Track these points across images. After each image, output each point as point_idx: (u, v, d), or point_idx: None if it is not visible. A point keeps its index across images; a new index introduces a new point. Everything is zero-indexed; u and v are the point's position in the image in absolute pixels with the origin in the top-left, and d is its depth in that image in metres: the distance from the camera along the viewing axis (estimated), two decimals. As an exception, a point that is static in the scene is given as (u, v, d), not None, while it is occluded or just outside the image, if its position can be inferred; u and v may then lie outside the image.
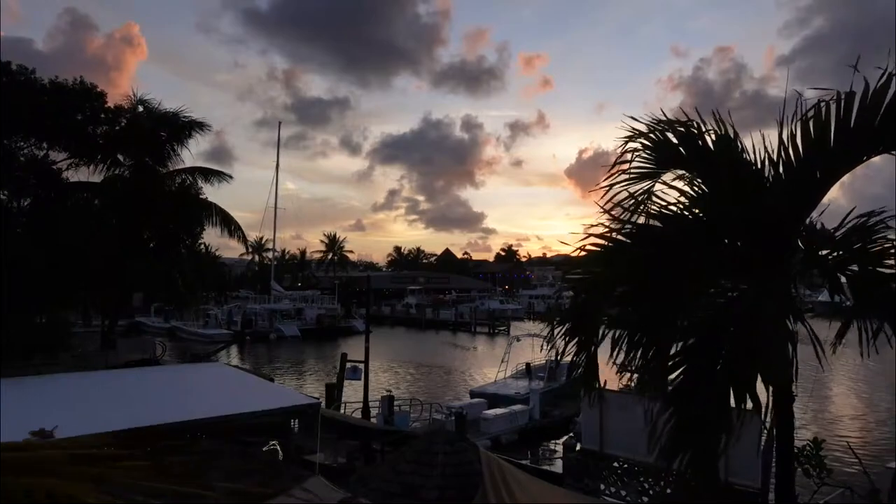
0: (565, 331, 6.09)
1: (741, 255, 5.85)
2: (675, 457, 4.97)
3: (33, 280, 18.11)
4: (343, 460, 15.36)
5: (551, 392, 27.20)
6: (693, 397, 5.00)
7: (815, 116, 5.30)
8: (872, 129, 5.07)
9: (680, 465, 4.94)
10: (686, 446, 4.93)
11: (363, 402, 24.21)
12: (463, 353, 55.00)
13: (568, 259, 6.91)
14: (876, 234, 5.12)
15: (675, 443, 4.97)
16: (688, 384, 5.12)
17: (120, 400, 9.40)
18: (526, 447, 23.07)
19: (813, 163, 5.44)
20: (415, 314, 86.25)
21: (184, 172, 26.89)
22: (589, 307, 6.07)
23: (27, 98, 20.25)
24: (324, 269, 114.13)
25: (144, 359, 26.29)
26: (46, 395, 9.29)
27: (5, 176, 20.90)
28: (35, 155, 22.19)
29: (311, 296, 77.21)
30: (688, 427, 4.94)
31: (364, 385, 24.90)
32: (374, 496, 7.46)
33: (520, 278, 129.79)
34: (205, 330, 60.37)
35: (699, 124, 5.83)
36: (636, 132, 6.07)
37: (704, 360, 5.12)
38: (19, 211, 22.26)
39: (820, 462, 6.20)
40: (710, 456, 4.95)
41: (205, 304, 62.34)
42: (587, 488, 13.27)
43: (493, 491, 7.22)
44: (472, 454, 8.01)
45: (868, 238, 5.15)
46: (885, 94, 4.95)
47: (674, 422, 5.01)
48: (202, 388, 11.18)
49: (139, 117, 25.43)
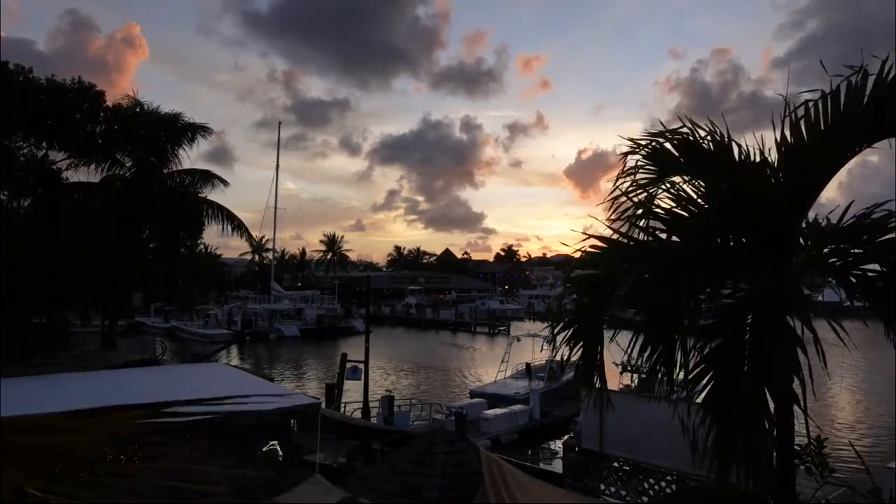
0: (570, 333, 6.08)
1: (742, 255, 5.85)
2: (731, 468, 4.90)
3: (33, 280, 18.10)
4: (343, 460, 15.34)
5: (551, 392, 27.17)
6: (731, 403, 4.97)
7: (805, 116, 5.40)
8: (857, 124, 5.19)
9: (738, 478, 4.84)
10: (737, 458, 4.88)
11: (363, 402, 24.19)
12: (463, 353, 54.98)
13: (569, 260, 6.91)
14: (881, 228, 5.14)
15: (727, 453, 4.92)
16: (722, 389, 5.09)
17: (120, 400, 9.38)
18: (526, 447, 23.05)
19: (806, 161, 5.50)
20: (415, 314, 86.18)
21: (183, 173, 26.95)
22: (592, 308, 6.06)
23: (25, 97, 20.24)
24: (323, 269, 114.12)
25: (144, 359, 26.31)
26: (46, 395, 9.27)
27: (5, 176, 20.89)
28: (35, 155, 22.19)
29: (310, 296, 77.18)
30: (733, 437, 4.89)
31: (364, 385, 24.89)
32: (374, 496, 7.45)
33: (520, 278, 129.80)
34: (205, 330, 60.36)
35: (694, 130, 5.88)
36: (635, 145, 6.13)
37: (732, 363, 5.09)
38: (19, 211, 22.24)
39: (822, 461, 6.19)
40: (765, 464, 4.93)
41: (205, 304, 62.49)
42: (587, 488, 13.27)
43: (493, 491, 7.21)
44: (472, 454, 8.00)
45: (875, 231, 5.15)
46: (864, 90, 5.09)
47: (716, 433, 4.96)
48: (202, 388, 11.16)
49: (138, 117, 25.46)
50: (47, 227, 20.56)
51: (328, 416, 13.86)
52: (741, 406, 4.89)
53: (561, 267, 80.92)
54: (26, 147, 21.98)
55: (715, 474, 4.94)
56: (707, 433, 5.00)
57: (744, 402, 4.89)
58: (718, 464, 4.94)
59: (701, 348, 5.30)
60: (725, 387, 5.08)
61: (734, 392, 4.99)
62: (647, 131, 6.25)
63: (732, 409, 4.92)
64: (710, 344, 5.28)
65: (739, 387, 4.99)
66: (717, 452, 4.95)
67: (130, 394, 9.21)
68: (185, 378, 12.57)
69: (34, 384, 10.29)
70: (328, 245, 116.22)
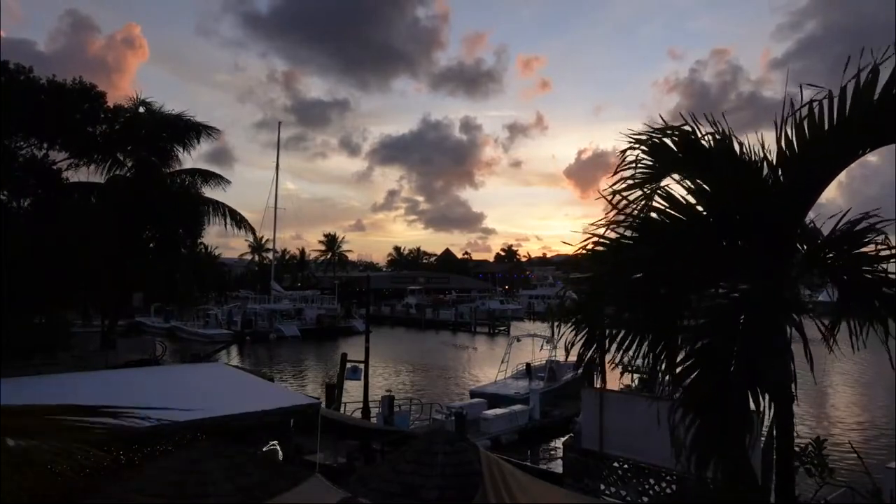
0: (569, 331, 6.08)
1: (742, 255, 5.85)
2: (708, 466, 4.90)
3: (33, 280, 18.10)
4: (343, 460, 15.34)
5: (551, 392, 27.18)
6: (714, 401, 4.96)
7: (809, 116, 5.33)
8: (863, 126, 5.11)
9: (716, 474, 4.86)
10: (719, 454, 4.87)
11: (363, 402, 24.20)
12: (463, 353, 54.96)
13: (569, 259, 6.91)
14: (866, 238, 5.16)
15: (706, 451, 4.92)
16: (705, 387, 5.09)
17: (119, 400, 9.39)
18: (526, 447, 23.07)
19: (809, 162, 5.47)
20: (415, 314, 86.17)
21: (184, 173, 26.96)
22: (592, 307, 6.06)
23: (26, 97, 20.25)
24: (323, 269, 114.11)
25: (144, 359, 26.30)
26: (46, 395, 9.28)
27: (5, 176, 20.89)
28: (35, 155, 22.19)
29: (310, 296, 77.21)
30: (715, 433, 4.88)
31: (364, 385, 24.90)
32: (374, 496, 7.44)
33: (520, 278, 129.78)
34: (205, 330, 60.38)
35: (696, 128, 5.87)
36: (635, 141, 6.12)
37: (718, 362, 5.09)
38: (19, 211, 22.24)
39: (822, 461, 6.19)
40: (745, 461, 4.93)
41: (205, 304, 62.47)
42: (587, 488, 13.26)
43: (493, 491, 7.21)
44: (472, 454, 8.00)
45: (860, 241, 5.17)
46: (873, 90, 4.99)
47: (698, 428, 4.95)
48: (202, 388, 11.17)
49: (140, 117, 25.46)
50: (47, 227, 20.55)
51: (328, 416, 13.87)
52: (724, 405, 4.89)
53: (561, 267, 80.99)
54: (26, 147, 21.97)
55: (691, 468, 4.95)
56: (686, 431, 5.00)
57: (729, 401, 4.89)
58: (697, 461, 4.94)
59: (690, 347, 5.30)
60: (709, 385, 5.07)
61: (719, 391, 4.98)
62: (650, 121, 6.21)
63: (714, 408, 4.93)
64: (698, 343, 5.28)
65: (724, 386, 4.99)
66: (697, 447, 4.95)
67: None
68: (185, 378, 12.57)
69: (34, 384, 10.29)
70: (328, 245, 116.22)
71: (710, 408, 4.95)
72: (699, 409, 5.00)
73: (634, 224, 5.90)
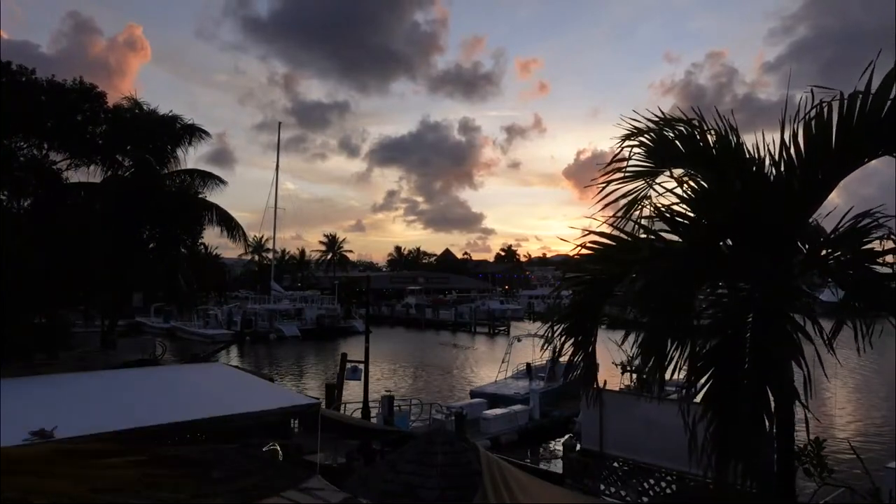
0: (563, 330, 6.07)
1: (742, 254, 5.83)
2: (728, 465, 4.90)
3: (33, 280, 18.08)
4: (343, 460, 15.33)
5: (551, 392, 27.18)
6: (729, 402, 4.95)
7: (818, 117, 5.23)
8: (874, 131, 5.01)
9: (734, 476, 4.85)
10: (736, 455, 4.87)
11: (363, 402, 24.19)
12: (463, 353, 54.95)
13: (567, 258, 6.90)
14: (871, 234, 5.15)
15: (724, 452, 4.91)
16: (722, 387, 5.08)
17: (120, 400, 9.38)
18: (526, 447, 23.07)
19: (815, 164, 5.41)
20: (414, 314, 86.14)
21: (183, 174, 26.96)
22: (587, 306, 6.06)
23: (26, 97, 20.23)
24: (323, 270, 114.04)
25: (144, 359, 26.24)
26: (46, 395, 9.27)
27: (5, 176, 20.88)
28: (35, 155, 22.17)
29: (310, 296, 77.16)
30: (733, 435, 4.88)
31: (364, 385, 24.90)
32: (374, 496, 7.44)
33: (519, 278, 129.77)
34: (205, 330, 60.37)
35: (700, 122, 5.82)
36: (635, 129, 6.05)
37: (731, 362, 5.08)
38: (19, 211, 22.22)
39: (821, 461, 6.19)
40: (763, 462, 4.93)
41: (205, 304, 62.46)
42: (587, 488, 13.26)
43: (493, 491, 7.21)
44: (472, 454, 8.00)
45: (864, 238, 5.16)
46: (886, 96, 4.89)
47: (715, 429, 4.94)
48: (202, 388, 11.16)
49: (137, 118, 25.47)
50: (47, 227, 20.53)
51: (328, 416, 13.86)
52: (743, 403, 4.89)
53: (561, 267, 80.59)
54: (27, 147, 21.95)
55: (713, 471, 4.94)
56: (706, 430, 4.99)
57: (746, 399, 4.89)
58: (717, 461, 4.93)
59: (702, 346, 5.29)
60: (726, 384, 5.07)
61: (736, 389, 4.98)
62: (650, 113, 6.07)
63: (734, 406, 4.92)
64: (710, 342, 5.27)
65: (740, 384, 4.99)
66: (716, 449, 4.95)
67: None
68: (185, 378, 12.55)
69: (34, 384, 10.28)
70: (328, 245, 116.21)
71: (730, 406, 4.95)
72: (719, 408, 4.99)
73: (633, 220, 5.89)
